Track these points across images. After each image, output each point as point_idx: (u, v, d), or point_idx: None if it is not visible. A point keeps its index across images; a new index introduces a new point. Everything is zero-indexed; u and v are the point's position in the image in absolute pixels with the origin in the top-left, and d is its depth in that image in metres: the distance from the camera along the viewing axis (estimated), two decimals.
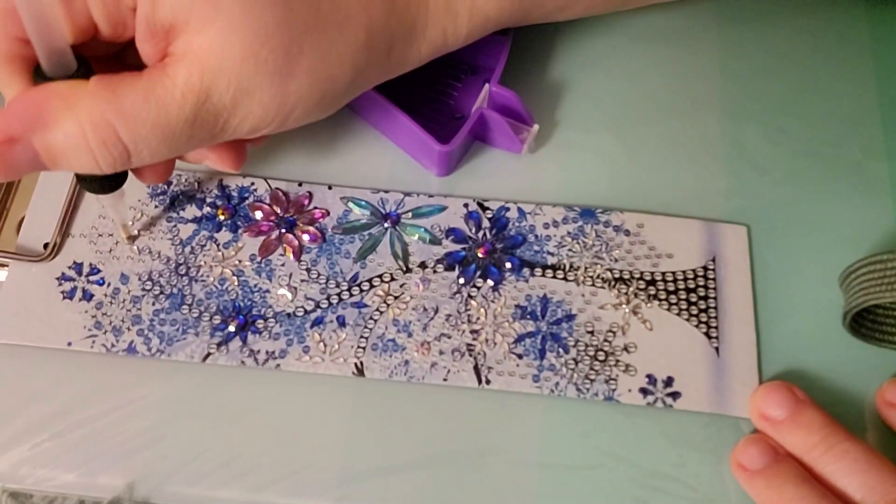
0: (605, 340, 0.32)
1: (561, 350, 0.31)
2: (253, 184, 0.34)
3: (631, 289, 0.33)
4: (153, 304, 0.32)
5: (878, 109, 0.37)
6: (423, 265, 0.33)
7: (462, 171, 0.35)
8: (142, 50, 0.26)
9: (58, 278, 0.32)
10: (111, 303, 0.32)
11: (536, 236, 0.34)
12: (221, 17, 0.24)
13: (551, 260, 0.33)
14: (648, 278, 0.33)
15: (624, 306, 0.32)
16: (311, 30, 0.26)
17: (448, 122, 0.36)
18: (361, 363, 0.31)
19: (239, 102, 0.26)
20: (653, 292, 0.33)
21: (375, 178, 0.35)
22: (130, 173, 0.30)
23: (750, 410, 0.31)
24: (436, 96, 0.37)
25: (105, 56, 0.28)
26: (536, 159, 0.36)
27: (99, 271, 0.32)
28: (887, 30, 0.39)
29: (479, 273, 0.33)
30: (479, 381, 0.31)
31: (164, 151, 0.26)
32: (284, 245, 0.33)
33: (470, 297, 0.32)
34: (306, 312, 0.32)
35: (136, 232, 0.33)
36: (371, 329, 0.32)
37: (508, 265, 0.33)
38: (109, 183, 0.29)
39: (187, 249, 0.33)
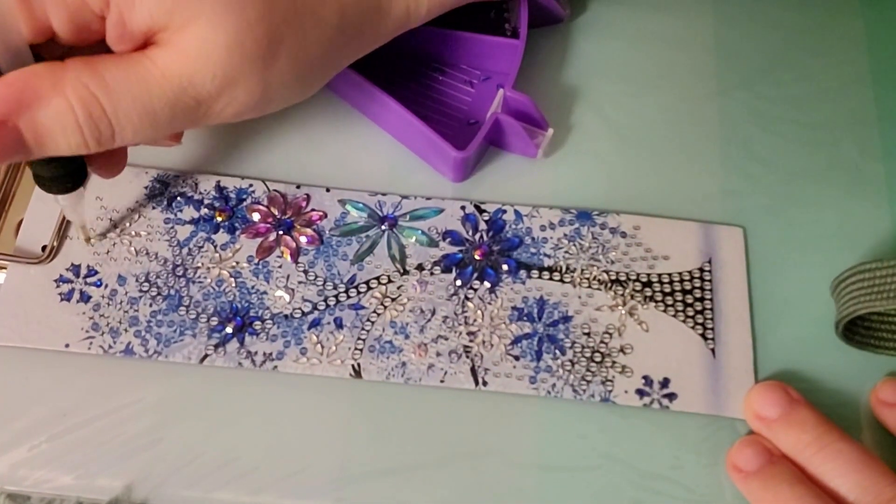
0: (602, 342, 0.32)
1: (557, 352, 0.32)
2: (251, 185, 0.34)
3: (627, 290, 0.33)
4: (150, 305, 0.32)
5: (875, 110, 0.37)
6: (420, 267, 0.33)
7: (470, 177, 0.35)
8: (116, 49, 0.26)
9: (56, 280, 0.32)
10: (108, 304, 0.32)
11: (533, 238, 0.34)
12: (205, 14, 0.24)
13: (548, 262, 0.33)
14: (645, 280, 0.33)
15: (620, 308, 0.32)
16: (291, 17, 0.26)
17: (462, 127, 0.36)
18: (358, 365, 0.31)
19: (223, 90, 0.26)
20: (649, 294, 0.33)
21: (375, 181, 0.35)
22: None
23: (745, 411, 0.31)
24: (449, 102, 0.37)
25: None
26: (539, 163, 0.36)
27: (96, 273, 0.32)
28: (883, 29, 0.39)
29: (475, 275, 0.33)
30: (476, 383, 0.31)
31: (146, 131, 0.26)
32: (282, 247, 0.33)
33: (467, 299, 0.32)
34: (303, 314, 0.32)
35: (94, 234, 0.33)
36: (368, 331, 0.32)
37: (505, 267, 0.33)
38: (69, 181, 0.28)
39: (185, 251, 0.33)
